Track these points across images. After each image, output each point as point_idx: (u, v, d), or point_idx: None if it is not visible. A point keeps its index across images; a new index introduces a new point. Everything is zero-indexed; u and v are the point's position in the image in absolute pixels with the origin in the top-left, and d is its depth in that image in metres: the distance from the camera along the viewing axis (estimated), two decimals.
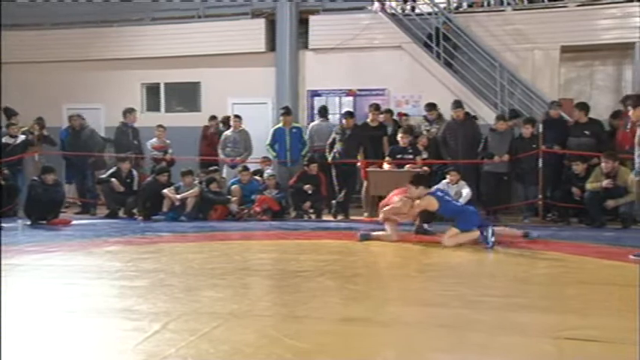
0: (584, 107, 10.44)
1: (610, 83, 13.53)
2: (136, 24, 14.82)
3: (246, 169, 11.36)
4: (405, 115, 12.48)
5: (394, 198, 8.35)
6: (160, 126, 12.60)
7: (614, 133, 10.44)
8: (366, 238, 8.28)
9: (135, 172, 11.43)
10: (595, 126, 10.31)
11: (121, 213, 11.29)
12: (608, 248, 7.58)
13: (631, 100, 7.08)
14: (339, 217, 10.91)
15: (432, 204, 8.01)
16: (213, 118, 13.26)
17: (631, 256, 6.78)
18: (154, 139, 12.47)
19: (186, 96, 14.76)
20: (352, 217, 10.91)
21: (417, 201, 8.07)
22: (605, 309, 4.88)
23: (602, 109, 12.27)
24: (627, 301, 5.23)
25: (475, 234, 7.68)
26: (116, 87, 14.47)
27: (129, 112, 12.30)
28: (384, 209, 8.32)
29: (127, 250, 7.55)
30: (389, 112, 12.13)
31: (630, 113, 7.03)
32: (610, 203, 9.31)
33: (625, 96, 10.98)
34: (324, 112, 12.58)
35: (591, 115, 10.56)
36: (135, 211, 11.16)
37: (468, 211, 7.95)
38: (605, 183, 9.27)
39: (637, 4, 12.23)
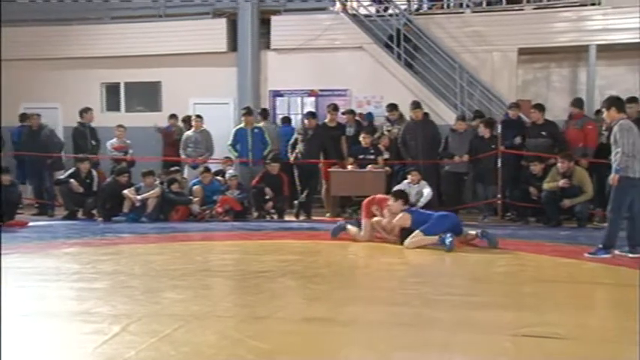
0: (542, 108, 10.64)
1: (565, 85, 13.81)
2: (95, 22, 14.61)
3: (207, 170, 11.29)
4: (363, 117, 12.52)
5: (385, 211, 8.25)
6: (120, 126, 12.45)
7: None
8: (337, 232, 8.39)
9: (94, 173, 11.27)
10: (551, 127, 10.52)
11: (79, 214, 11.12)
12: (564, 247, 7.75)
13: (605, 102, 7.21)
14: (302, 218, 10.93)
15: (406, 220, 8.00)
16: (172, 116, 13.16)
17: (586, 255, 6.94)
18: (114, 140, 12.32)
19: (146, 96, 14.60)
20: (314, 218, 10.93)
21: (396, 217, 8.05)
22: (562, 306, 4.98)
23: (558, 110, 12.53)
24: (584, 298, 5.37)
25: (434, 238, 7.70)
26: (75, 86, 14.24)
27: (84, 111, 12.11)
28: (375, 219, 8.26)
29: (86, 252, 7.44)
30: (352, 112, 12.19)
31: (604, 115, 7.17)
32: (566, 203, 9.51)
33: (575, 98, 11.24)
34: (265, 113, 12.58)
35: (547, 116, 10.76)
36: (94, 212, 11.00)
37: (435, 218, 7.93)
38: (562, 183, 9.47)
39: (591, 7, 12.52)
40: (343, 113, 12.03)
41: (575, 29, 12.71)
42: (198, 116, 12.17)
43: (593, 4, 12.52)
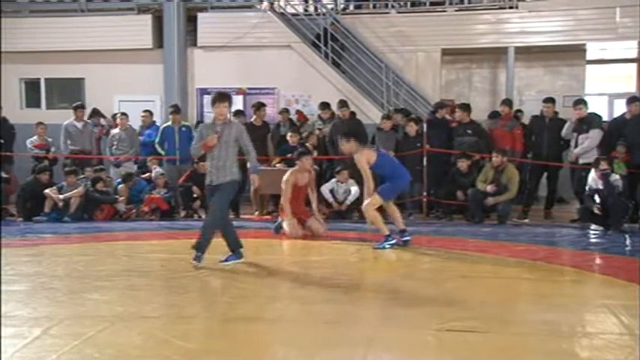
0: (467, 108, 10.93)
1: (486, 85, 14.26)
2: (13, 16, 14.09)
3: (130, 176, 11.04)
4: (306, 118, 12.50)
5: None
6: (40, 123, 12.03)
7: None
8: (279, 230, 8.70)
9: None
10: (476, 126, 10.82)
11: None
12: (485, 243, 7.99)
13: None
14: (230, 216, 10.85)
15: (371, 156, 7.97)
16: (95, 113, 12.76)
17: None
18: (34, 137, 11.90)
19: (69, 92, 14.21)
20: (243, 216, 10.89)
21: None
22: (483, 301, 5.14)
23: (479, 110, 12.90)
24: (504, 293, 5.55)
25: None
26: None
27: None
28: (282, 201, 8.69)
29: (5, 253, 7.15)
30: (286, 111, 12.20)
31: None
32: (490, 200, 9.78)
33: (505, 98, 11.58)
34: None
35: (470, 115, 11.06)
36: (14, 211, 10.65)
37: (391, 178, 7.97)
38: (489, 188, 9.73)
39: (509, 10, 12.96)
40: (279, 112, 12.07)
41: (494, 31, 13.13)
42: (124, 114, 11.93)
43: (511, 8, 12.96)
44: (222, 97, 6.67)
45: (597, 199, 8.86)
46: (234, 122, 7.06)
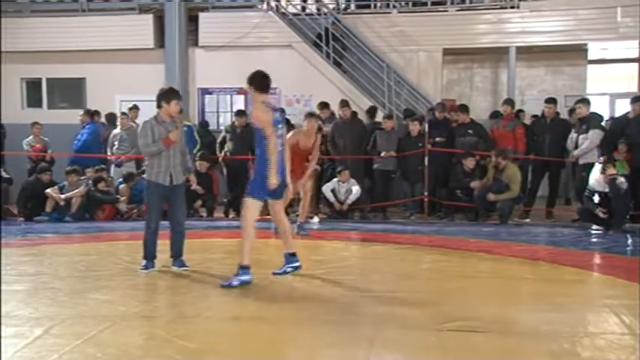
0: (466, 109, 10.93)
1: (488, 85, 14.24)
2: (14, 16, 14.09)
3: (131, 176, 11.04)
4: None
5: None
6: (35, 123, 11.98)
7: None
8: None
9: None
10: (477, 126, 10.82)
11: None
12: (487, 242, 7.99)
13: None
14: (231, 216, 10.88)
15: None
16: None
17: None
18: (30, 138, 11.87)
19: (70, 92, 14.23)
20: None
21: None
22: (485, 301, 5.14)
23: (480, 109, 12.89)
24: (506, 292, 5.55)
25: None
26: None
27: None
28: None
29: (6, 253, 7.16)
30: (282, 111, 12.18)
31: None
32: (490, 197, 9.78)
33: (507, 98, 11.57)
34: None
35: (471, 115, 11.05)
36: (15, 211, 10.66)
37: None
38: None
39: (510, 10, 12.95)
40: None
41: (495, 31, 13.11)
42: (124, 113, 11.95)
43: (512, 7, 12.95)
44: (178, 93, 6.38)
45: (596, 199, 8.86)
46: (179, 121, 6.55)
